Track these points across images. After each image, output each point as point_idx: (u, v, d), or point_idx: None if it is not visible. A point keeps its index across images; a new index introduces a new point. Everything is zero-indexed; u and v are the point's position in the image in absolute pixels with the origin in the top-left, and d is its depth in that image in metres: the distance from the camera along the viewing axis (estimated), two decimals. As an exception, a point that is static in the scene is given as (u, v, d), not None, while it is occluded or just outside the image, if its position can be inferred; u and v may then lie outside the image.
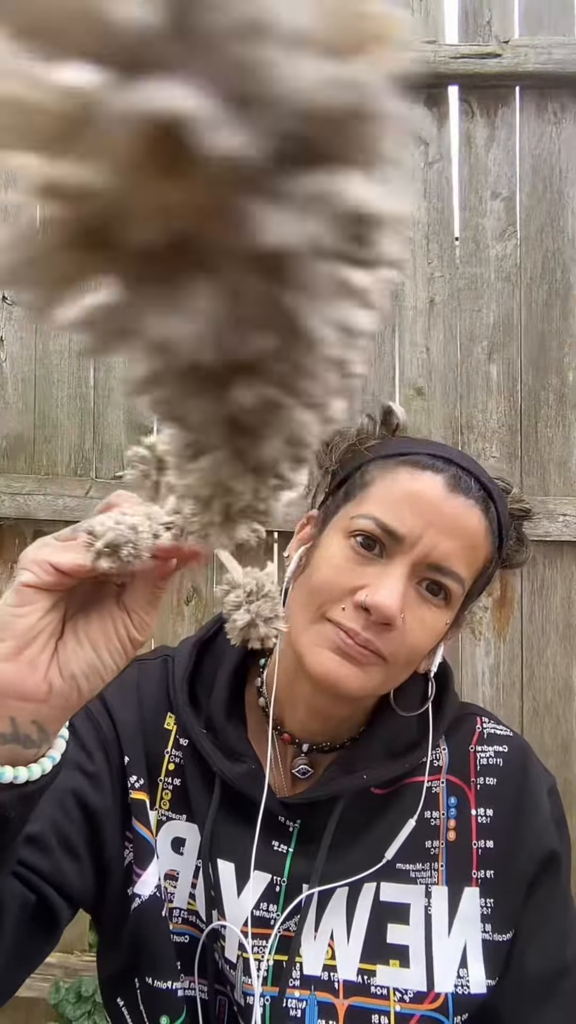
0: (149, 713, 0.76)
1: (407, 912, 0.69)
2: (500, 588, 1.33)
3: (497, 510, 0.70)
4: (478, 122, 1.37)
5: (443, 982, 0.67)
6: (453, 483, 0.66)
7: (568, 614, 1.33)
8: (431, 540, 0.64)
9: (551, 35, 1.35)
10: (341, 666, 0.64)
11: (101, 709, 0.75)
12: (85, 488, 1.33)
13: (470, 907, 0.69)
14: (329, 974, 0.67)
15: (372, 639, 0.63)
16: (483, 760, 0.74)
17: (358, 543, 0.65)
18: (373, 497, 0.67)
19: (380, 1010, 0.66)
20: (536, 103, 1.36)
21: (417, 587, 0.65)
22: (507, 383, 1.35)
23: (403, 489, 0.66)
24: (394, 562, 0.64)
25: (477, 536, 0.67)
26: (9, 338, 1.38)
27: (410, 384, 1.36)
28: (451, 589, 0.65)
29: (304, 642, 0.66)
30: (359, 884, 0.69)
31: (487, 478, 0.72)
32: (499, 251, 1.36)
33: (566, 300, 1.35)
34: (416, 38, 1.35)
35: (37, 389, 1.37)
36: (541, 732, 1.30)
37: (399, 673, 0.67)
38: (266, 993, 0.67)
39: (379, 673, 0.65)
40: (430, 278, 1.37)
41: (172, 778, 0.74)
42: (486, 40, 1.35)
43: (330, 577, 0.65)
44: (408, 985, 0.67)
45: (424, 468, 0.67)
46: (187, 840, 0.73)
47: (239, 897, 0.69)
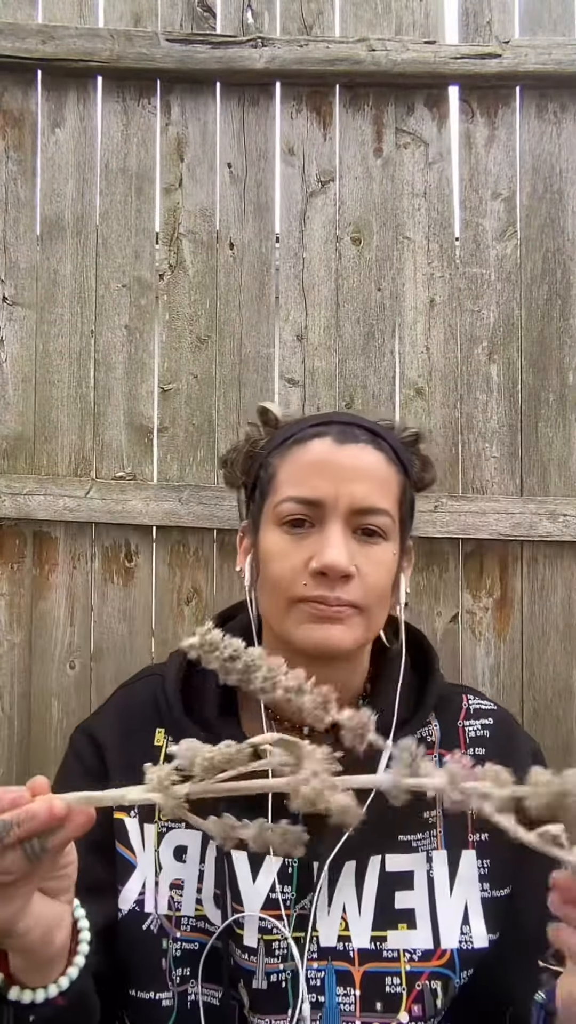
0: (135, 735, 0.79)
1: (411, 878, 0.73)
2: (500, 588, 1.33)
3: (388, 442, 0.77)
4: (478, 122, 1.37)
5: (448, 939, 0.71)
6: (340, 437, 0.73)
7: (568, 614, 1.33)
8: (345, 491, 0.70)
9: (551, 35, 1.35)
10: (323, 630, 0.70)
11: (87, 743, 0.80)
12: (85, 488, 1.33)
13: (468, 868, 0.73)
14: (344, 944, 0.71)
15: (340, 595, 0.69)
16: (471, 733, 0.79)
17: (289, 526, 0.72)
18: (282, 483, 0.74)
19: (392, 972, 0.70)
20: (536, 103, 1.36)
21: (354, 536, 0.71)
22: (507, 383, 1.35)
23: (302, 463, 0.73)
24: (326, 525, 0.70)
25: (380, 470, 0.74)
26: (9, 338, 1.38)
27: (410, 384, 1.36)
28: (382, 524, 0.72)
29: (287, 628, 0.72)
30: (366, 858, 0.73)
31: (368, 422, 0.79)
32: (499, 251, 1.36)
33: (566, 300, 1.35)
34: (416, 38, 1.35)
35: (37, 389, 1.37)
36: (541, 732, 1.30)
37: (376, 614, 0.73)
38: (287, 968, 0.70)
39: (359, 621, 0.71)
40: (430, 278, 1.37)
41: None
42: (486, 40, 1.35)
43: (280, 564, 0.71)
44: (416, 945, 0.71)
45: (311, 438, 0.74)
46: (189, 847, 0.76)
47: (254, 883, 0.72)
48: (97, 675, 1.35)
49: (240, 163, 1.38)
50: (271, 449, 0.78)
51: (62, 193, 1.39)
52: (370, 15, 1.37)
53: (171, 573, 1.35)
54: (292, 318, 1.37)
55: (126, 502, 1.33)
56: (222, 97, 1.38)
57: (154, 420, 1.37)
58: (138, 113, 1.39)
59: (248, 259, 1.38)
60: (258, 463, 0.80)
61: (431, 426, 1.35)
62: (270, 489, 0.75)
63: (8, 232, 1.39)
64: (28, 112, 1.39)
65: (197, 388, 1.37)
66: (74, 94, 1.39)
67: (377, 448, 0.74)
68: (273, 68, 1.34)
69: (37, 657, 1.36)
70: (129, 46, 1.35)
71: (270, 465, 0.76)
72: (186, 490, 1.33)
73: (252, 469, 0.81)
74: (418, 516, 1.30)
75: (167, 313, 1.38)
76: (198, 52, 1.35)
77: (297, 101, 1.38)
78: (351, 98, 1.37)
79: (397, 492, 0.75)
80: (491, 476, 1.34)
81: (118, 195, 1.39)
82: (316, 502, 0.71)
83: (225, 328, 1.37)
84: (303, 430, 0.76)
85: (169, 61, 1.35)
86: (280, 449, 0.76)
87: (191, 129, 1.39)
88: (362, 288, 1.37)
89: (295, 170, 1.38)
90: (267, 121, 1.38)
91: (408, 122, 1.37)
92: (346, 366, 1.36)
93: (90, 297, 1.38)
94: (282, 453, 0.76)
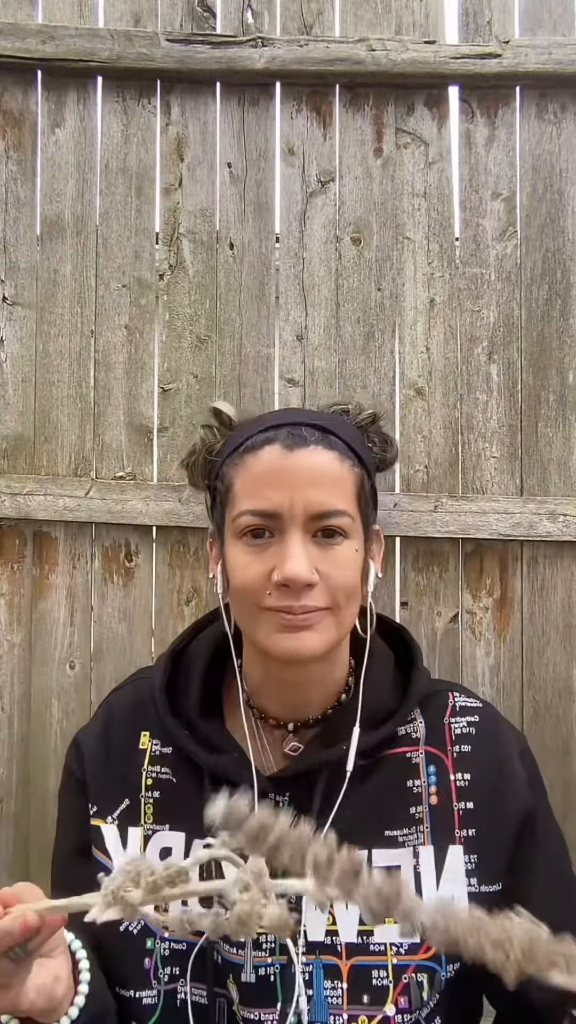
0: (119, 741, 0.81)
1: (398, 873, 0.72)
2: (500, 588, 1.33)
3: (339, 437, 0.76)
4: (478, 122, 1.37)
5: None
6: (288, 442, 0.73)
7: (568, 614, 1.33)
8: (299, 498, 0.70)
9: (551, 35, 1.35)
10: (295, 638, 0.70)
11: (77, 755, 0.83)
12: (85, 488, 1.33)
13: (455, 863, 0.74)
14: (332, 938, 0.72)
15: (306, 603, 0.69)
16: (457, 730, 0.79)
17: (250, 537, 0.72)
18: (238, 495, 0.74)
19: (379, 965, 0.71)
20: (536, 103, 1.36)
21: (315, 540, 0.71)
22: (507, 383, 1.35)
23: (255, 473, 0.73)
24: (285, 535, 0.71)
25: (333, 470, 0.73)
26: (9, 338, 1.38)
27: (410, 384, 1.36)
28: (342, 524, 0.72)
29: (259, 636, 0.73)
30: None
31: (318, 417, 0.78)
32: (499, 251, 1.36)
33: (566, 300, 1.35)
34: (416, 38, 1.35)
35: (37, 389, 1.37)
36: (541, 732, 1.30)
37: (347, 611, 0.74)
38: (275, 962, 0.71)
39: (331, 621, 0.72)
40: (430, 278, 1.37)
41: (151, 792, 0.79)
42: (486, 40, 1.35)
43: (244, 577, 0.72)
44: (402, 939, 0.71)
45: (260, 446, 0.74)
46: (173, 848, 0.77)
47: None
48: (97, 675, 1.35)
49: (240, 163, 1.38)
50: (224, 457, 0.78)
51: (62, 193, 1.39)
52: (370, 15, 1.37)
53: (171, 573, 1.35)
54: (292, 318, 1.37)
55: (126, 502, 1.33)
56: (222, 97, 1.38)
57: (154, 420, 1.37)
58: (138, 113, 1.39)
59: (248, 259, 1.38)
60: (215, 472, 0.79)
61: (431, 426, 1.35)
62: (228, 500, 0.75)
63: (8, 232, 1.39)
64: (28, 112, 1.39)
65: (197, 388, 1.37)
66: (74, 94, 1.39)
67: (328, 447, 0.74)
68: (273, 68, 1.34)
69: (37, 657, 1.36)
70: (129, 46, 1.35)
71: (225, 476, 0.76)
72: (186, 490, 1.33)
73: (210, 477, 0.81)
74: (418, 516, 1.31)
75: (167, 313, 1.38)
76: (198, 52, 1.35)
77: (297, 101, 1.38)
78: (351, 98, 1.37)
79: (353, 488, 0.75)
80: (491, 476, 1.34)
81: (118, 195, 1.39)
82: (272, 513, 0.71)
83: (225, 328, 1.37)
84: (253, 436, 0.75)
85: (169, 61, 1.35)
86: (233, 458, 0.76)
87: (191, 129, 1.39)
88: (362, 288, 1.37)
89: (295, 170, 1.38)
90: (267, 121, 1.38)
91: (408, 122, 1.37)
92: (346, 366, 1.36)
93: (90, 297, 1.38)
94: (235, 463, 0.75)
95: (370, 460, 0.80)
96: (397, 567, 1.34)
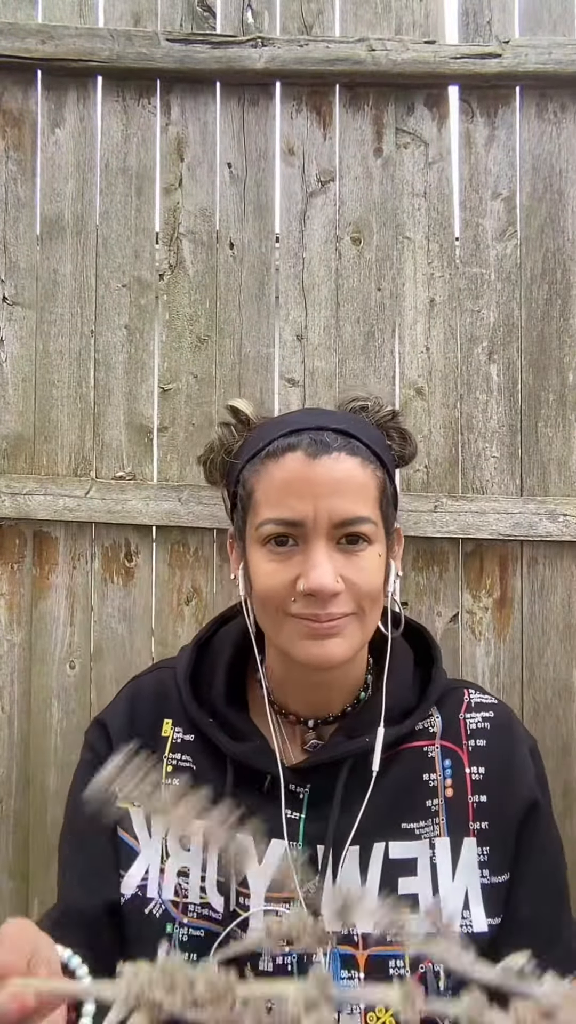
0: (142, 726, 0.82)
1: (415, 865, 0.75)
2: (500, 588, 1.33)
3: (360, 439, 0.75)
4: (478, 122, 1.37)
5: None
6: (311, 450, 0.72)
7: (568, 614, 1.33)
8: (324, 507, 0.70)
9: (551, 35, 1.35)
10: (321, 646, 0.70)
11: (101, 734, 0.84)
12: (85, 488, 1.33)
13: (469, 855, 0.75)
14: (349, 929, 0.73)
15: (332, 610, 0.69)
16: (472, 725, 0.80)
17: (273, 546, 0.72)
18: (260, 503, 0.73)
19: (396, 955, 0.72)
20: (536, 103, 1.36)
21: (339, 547, 0.71)
22: (507, 383, 1.35)
23: (277, 482, 0.72)
24: (309, 543, 0.70)
25: (355, 476, 0.72)
26: (9, 338, 1.38)
27: (410, 384, 1.36)
28: (366, 531, 0.72)
29: (283, 641, 0.73)
30: (370, 845, 0.74)
31: (339, 419, 0.77)
32: (499, 251, 1.36)
33: (566, 300, 1.35)
34: (416, 38, 1.35)
35: (37, 389, 1.37)
36: (541, 732, 1.30)
37: (372, 614, 0.74)
38: (292, 952, 0.72)
39: (356, 627, 0.72)
40: (430, 278, 1.37)
41: (171, 779, 0.79)
42: (486, 40, 1.35)
43: (268, 585, 0.71)
44: (419, 929, 0.72)
45: (282, 452, 0.73)
46: (193, 836, 0.78)
47: (261, 866, 0.74)
48: (97, 675, 1.35)
49: (240, 163, 1.38)
50: (245, 461, 0.77)
51: (62, 193, 1.39)
52: (370, 15, 1.37)
53: (171, 573, 1.35)
54: (292, 318, 1.37)
55: (126, 502, 1.33)
56: (222, 97, 1.38)
57: (154, 420, 1.37)
58: (138, 113, 1.39)
59: (248, 259, 1.38)
60: (235, 476, 0.79)
61: (431, 426, 1.35)
62: (249, 507, 0.75)
63: (8, 232, 1.39)
64: (28, 112, 1.39)
65: (197, 388, 1.37)
66: (74, 94, 1.39)
67: (351, 453, 0.73)
68: (273, 68, 1.34)
69: (37, 657, 1.36)
70: (129, 46, 1.35)
71: (246, 482, 0.75)
72: (186, 490, 1.33)
73: (230, 479, 0.80)
74: (418, 516, 1.31)
75: (167, 313, 1.38)
76: (198, 52, 1.35)
77: (297, 101, 1.38)
78: (351, 98, 1.37)
79: (376, 493, 0.74)
80: (491, 476, 1.34)
81: (118, 195, 1.39)
82: (296, 522, 0.70)
83: (225, 328, 1.37)
84: (275, 441, 0.74)
85: (169, 61, 1.35)
86: (254, 462, 0.75)
87: (191, 129, 1.39)
88: (362, 288, 1.37)
89: (295, 170, 1.38)
90: (267, 121, 1.38)
91: (408, 122, 1.37)
92: (346, 366, 1.36)
93: (90, 297, 1.38)
94: (256, 468, 0.74)
95: (390, 460, 0.80)
96: (397, 567, 1.34)
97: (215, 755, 0.78)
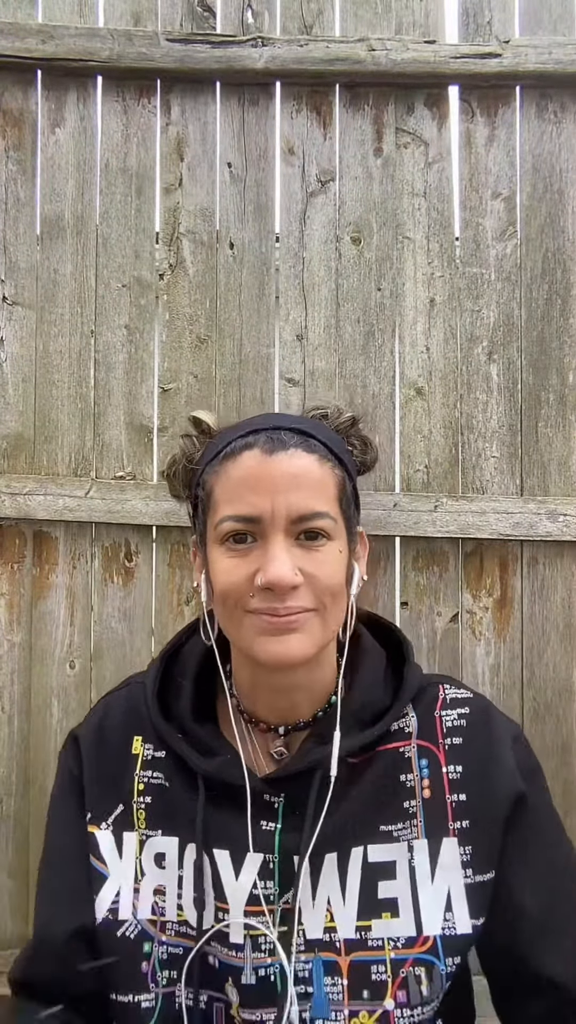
0: (113, 745, 0.81)
1: (393, 868, 0.74)
2: (500, 588, 1.33)
3: (319, 439, 0.76)
4: (478, 122, 1.37)
5: (431, 926, 0.72)
6: (267, 446, 0.72)
7: (568, 614, 1.33)
8: (281, 502, 0.70)
9: (551, 35, 1.35)
10: (280, 642, 0.69)
11: (74, 752, 0.83)
12: (85, 488, 1.33)
13: (450, 856, 0.74)
14: (330, 935, 0.72)
15: (291, 604, 0.69)
16: (448, 723, 0.78)
17: (232, 543, 0.72)
18: (219, 501, 0.73)
19: (377, 960, 0.71)
20: (536, 103, 1.36)
21: (297, 542, 0.71)
22: (507, 383, 1.35)
23: (234, 479, 0.72)
24: (267, 539, 0.70)
25: (313, 472, 0.73)
26: (9, 338, 1.38)
27: (410, 384, 1.36)
28: (324, 526, 0.71)
29: (243, 639, 0.72)
30: (347, 850, 0.74)
31: (296, 420, 0.78)
32: (499, 251, 1.36)
33: (566, 300, 1.35)
34: (416, 38, 1.35)
35: (37, 389, 1.37)
36: (541, 732, 1.31)
37: (333, 612, 0.73)
38: (274, 963, 0.71)
39: (316, 623, 0.71)
40: (430, 278, 1.37)
41: (143, 797, 0.79)
42: (486, 40, 1.35)
43: (227, 582, 0.71)
44: (399, 933, 0.72)
45: (240, 451, 0.73)
46: (167, 853, 0.78)
47: (237, 880, 0.73)
48: (97, 675, 1.35)
49: (240, 163, 1.38)
50: (205, 464, 0.78)
51: (62, 193, 1.39)
52: (370, 15, 1.37)
53: (171, 573, 1.35)
54: (292, 318, 1.37)
55: (126, 502, 1.33)
56: (222, 97, 1.38)
57: (154, 420, 1.37)
58: (138, 113, 1.39)
59: (248, 259, 1.38)
60: (195, 480, 0.79)
61: (431, 426, 1.35)
62: (209, 507, 0.75)
63: (8, 232, 1.39)
64: (28, 112, 1.39)
65: (197, 388, 1.37)
66: (74, 94, 1.39)
67: (308, 450, 0.73)
68: (273, 68, 1.34)
69: (37, 657, 1.36)
70: (129, 46, 1.35)
71: (206, 483, 0.76)
72: (186, 490, 1.33)
73: (191, 486, 0.81)
74: (418, 516, 1.31)
75: (167, 313, 1.38)
76: (198, 52, 1.34)
77: (297, 101, 1.38)
78: (351, 98, 1.37)
79: (335, 490, 0.74)
80: (491, 476, 1.34)
81: (118, 195, 1.39)
82: (254, 518, 0.70)
83: (225, 328, 1.37)
84: (232, 442, 0.75)
85: (169, 61, 1.35)
86: (213, 464, 0.76)
87: (191, 129, 1.39)
88: (362, 288, 1.37)
89: (295, 170, 1.38)
90: (267, 121, 1.38)
91: (408, 122, 1.37)
92: (346, 366, 1.36)
93: (90, 297, 1.38)
94: (215, 469, 0.75)
95: (351, 463, 0.80)
96: (397, 567, 1.34)
97: (186, 770, 0.77)
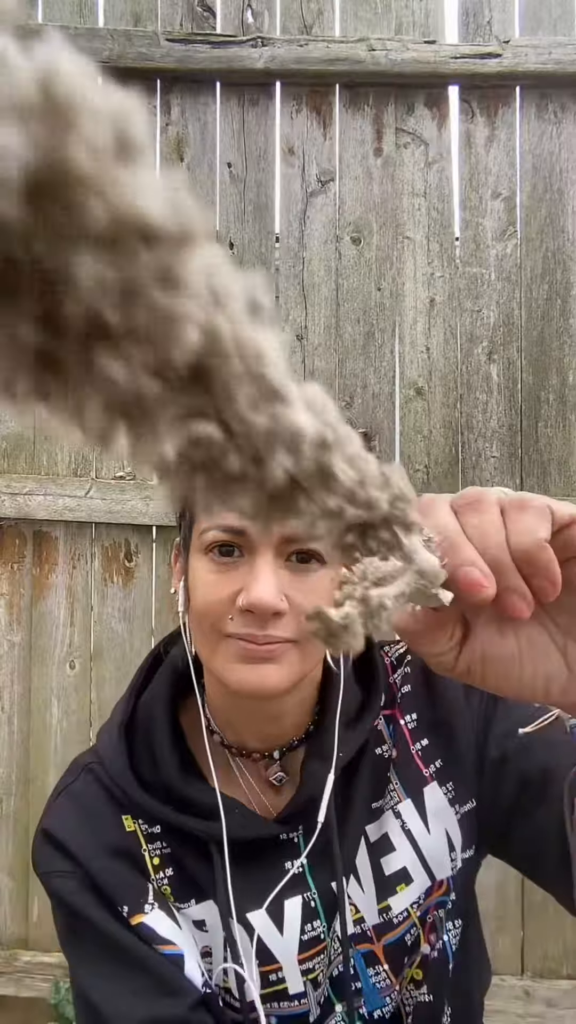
0: (105, 835, 0.73)
1: (390, 841, 0.73)
2: (500, 588, 1.33)
3: None
4: (478, 122, 1.37)
5: (441, 870, 0.73)
6: None
7: (568, 614, 1.33)
8: None
9: (551, 35, 1.35)
10: (255, 671, 0.64)
11: (60, 854, 0.72)
12: (85, 488, 1.33)
13: (436, 801, 0.73)
14: (360, 927, 0.72)
15: (271, 633, 0.63)
16: (398, 681, 0.77)
17: (216, 554, 0.65)
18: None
19: (406, 930, 0.72)
20: (536, 103, 1.36)
21: (287, 564, 0.65)
22: (507, 383, 1.35)
23: None
24: (255, 555, 0.64)
25: None
26: (9, 338, 1.38)
27: (410, 384, 1.36)
28: (317, 550, 0.65)
29: (217, 665, 0.66)
30: (356, 843, 0.73)
31: None
32: (499, 251, 1.36)
33: (566, 300, 1.35)
34: (416, 38, 1.35)
35: (37, 389, 1.37)
36: (541, 732, 1.30)
37: (316, 646, 0.67)
38: (320, 991, 0.71)
39: (295, 656, 0.65)
40: (430, 278, 1.37)
41: (161, 872, 0.73)
42: (486, 40, 1.35)
43: (206, 596, 0.65)
44: (417, 893, 0.72)
45: None
46: (206, 919, 0.72)
47: (283, 935, 0.70)
48: (97, 675, 1.35)
49: (240, 163, 1.38)
50: None
51: (62, 193, 1.39)
52: (370, 15, 1.37)
53: (171, 573, 1.35)
54: (292, 318, 1.37)
55: (126, 502, 1.33)
56: (222, 97, 1.38)
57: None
58: (138, 113, 1.39)
59: (248, 259, 1.38)
60: None
61: (431, 426, 1.35)
62: (195, 513, 0.69)
63: (8, 232, 1.39)
64: (28, 112, 1.39)
65: (197, 388, 1.37)
66: (74, 94, 1.39)
67: None
68: (273, 68, 1.34)
69: (37, 657, 1.36)
70: (129, 46, 1.35)
71: None
72: (186, 490, 1.33)
73: None
74: (418, 516, 1.31)
75: (167, 313, 1.38)
76: (198, 52, 1.35)
77: (297, 101, 1.38)
78: (351, 98, 1.37)
79: None
80: (491, 476, 1.34)
81: (118, 195, 1.39)
82: (241, 530, 0.64)
83: (225, 328, 1.37)
84: None
85: (169, 61, 1.35)
86: None
87: (191, 129, 1.39)
88: (362, 288, 1.37)
89: (295, 170, 1.38)
90: (267, 121, 1.38)
91: (408, 122, 1.37)
92: (346, 366, 1.36)
93: (90, 297, 1.38)
94: None
95: None
96: (397, 567, 1.34)
97: (193, 835, 0.71)
